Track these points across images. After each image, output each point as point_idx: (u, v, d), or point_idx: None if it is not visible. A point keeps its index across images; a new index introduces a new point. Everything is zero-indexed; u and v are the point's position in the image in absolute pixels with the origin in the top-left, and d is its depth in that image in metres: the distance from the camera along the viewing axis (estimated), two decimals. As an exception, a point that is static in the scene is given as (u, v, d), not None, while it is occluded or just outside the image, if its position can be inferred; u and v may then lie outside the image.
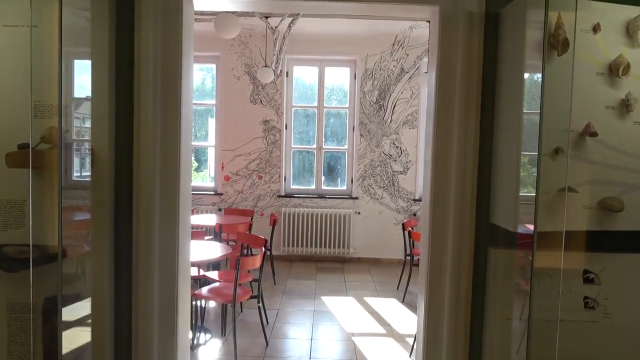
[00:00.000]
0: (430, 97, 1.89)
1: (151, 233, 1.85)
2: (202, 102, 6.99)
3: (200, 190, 6.75)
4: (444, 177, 1.82)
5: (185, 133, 1.96)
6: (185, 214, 2.01)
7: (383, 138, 6.62)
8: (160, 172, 1.85)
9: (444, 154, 1.82)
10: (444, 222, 1.83)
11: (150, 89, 1.83)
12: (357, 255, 6.69)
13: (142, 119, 1.82)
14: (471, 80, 1.78)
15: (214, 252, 3.68)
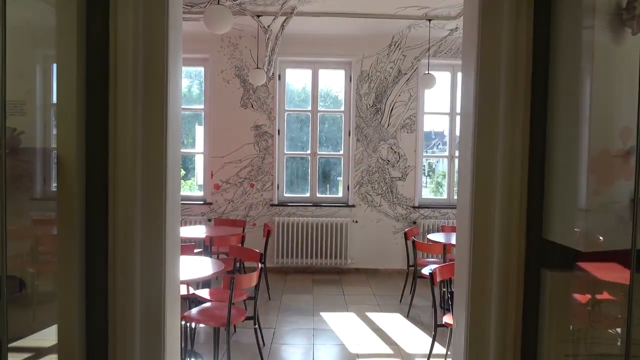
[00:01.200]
0: (468, 96, 1.59)
1: (131, 250, 1.52)
2: (189, 107, 6.64)
3: (188, 200, 6.38)
4: (487, 185, 1.52)
5: (173, 137, 1.63)
6: (174, 227, 1.68)
7: (380, 143, 6.33)
8: (143, 182, 1.52)
9: (487, 159, 1.52)
10: (488, 238, 1.53)
11: (130, 87, 1.51)
12: (355, 266, 6.36)
13: (119, 122, 1.49)
14: (519, 75, 1.49)
15: (204, 269, 3.33)
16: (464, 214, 1.63)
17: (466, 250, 1.57)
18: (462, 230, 1.64)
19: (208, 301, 3.61)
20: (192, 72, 6.78)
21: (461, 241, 1.64)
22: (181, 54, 1.77)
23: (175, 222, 1.73)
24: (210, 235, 4.66)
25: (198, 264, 3.50)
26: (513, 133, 1.50)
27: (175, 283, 1.79)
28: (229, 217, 6.24)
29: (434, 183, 7.32)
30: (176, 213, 1.73)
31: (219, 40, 6.18)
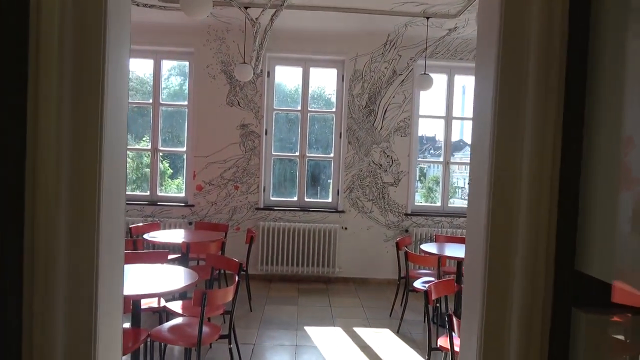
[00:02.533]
0: (484, 95, 1.29)
1: (51, 266, 1.19)
2: (172, 102, 6.29)
3: (169, 202, 6.03)
4: (508, 204, 1.22)
5: (113, 134, 1.31)
6: (114, 237, 1.36)
7: (373, 146, 6.03)
8: (67, 185, 1.19)
9: (509, 173, 1.22)
10: (507, 268, 1.22)
11: (54, 77, 1.17)
12: (343, 275, 6.05)
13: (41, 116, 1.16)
14: (550, 68, 1.19)
15: (175, 281, 2.99)
16: (476, 236, 1.32)
17: (478, 280, 1.27)
18: (473, 255, 1.34)
19: (180, 316, 3.28)
20: (176, 66, 6.44)
21: (472, 268, 1.33)
22: (128, 38, 1.44)
23: (116, 229, 1.41)
24: (188, 242, 4.32)
25: (170, 273, 3.17)
26: (542, 141, 1.20)
27: (114, 302, 1.46)
28: (211, 221, 5.90)
29: (425, 188, 7.06)
30: (116, 219, 1.40)
31: (205, 33, 5.85)
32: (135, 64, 6.21)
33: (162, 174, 6.37)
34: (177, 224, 5.85)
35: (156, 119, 6.06)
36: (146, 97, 6.19)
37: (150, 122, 6.06)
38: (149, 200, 6.04)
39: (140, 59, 6.10)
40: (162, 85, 6.24)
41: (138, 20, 5.54)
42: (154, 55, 6.02)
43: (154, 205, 5.95)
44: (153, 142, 6.07)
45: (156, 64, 6.04)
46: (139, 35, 5.80)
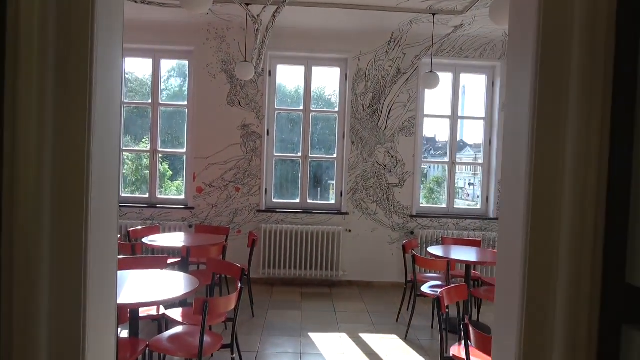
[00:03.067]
0: (521, 90, 1.15)
1: (33, 276, 1.05)
2: (171, 102, 6.15)
3: (169, 204, 5.89)
4: (548, 210, 1.08)
5: (104, 133, 1.17)
6: (105, 242, 1.23)
7: (377, 146, 5.89)
8: (51, 187, 1.05)
9: (549, 174, 1.08)
10: (548, 283, 1.08)
11: (34, 74, 1.03)
12: (347, 278, 5.91)
13: (20, 114, 1.02)
14: (596, 51, 1.05)
15: (174, 287, 2.85)
16: (510, 246, 1.18)
17: (515, 296, 1.13)
18: (507, 266, 1.19)
19: (180, 324, 3.14)
20: (176, 67, 6.30)
21: (507, 282, 1.19)
22: (121, 33, 1.30)
23: (109, 234, 1.27)
24: (188, 245, 4.18)
25: (169, 279, 3.03)
26: (587, 139, 1.06)
27: (106, 310, 1.32)
28: (212, 224, 5.76)
29: (427, 189, 6.93)
30: (109, 222, 1.26)
31: (204, 32, 5.72)
32: (134, 65, 6.08)
33: (161, 176, 6.23)
34: (177, 227, 5.71)
35: (155, 120, 5.92)
36: (146, 98, 6.05)
37: (157, 124, 5.92)
38: (148, 203, 5.90)
39: (138, 58, 5.96)
40: (162, 87, 6.11)
41: (136, 18, 5.41)
42: (152, 54, 5.89)
43: (154, 207, 5.81)
44: (152, 143, 5.94)
45: (155, 63, 5.91)
46: (137, 33, 5.67)
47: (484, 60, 5.91)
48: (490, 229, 5.96)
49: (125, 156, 6.15)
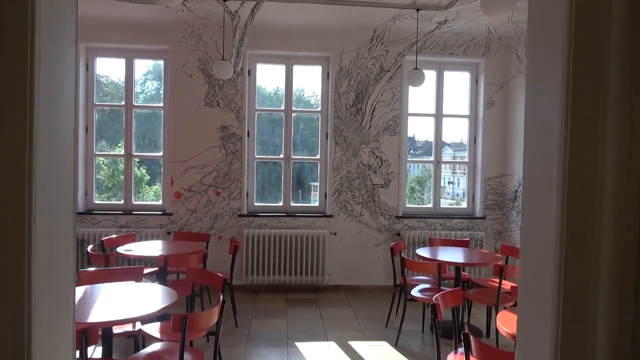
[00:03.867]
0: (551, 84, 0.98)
1: None
2: (146, 104, 5.89)
3: (145, 210, 5.62)
4: (585, 213, 0.92)
5: (52, 138, 0.98)
6: (57, 256, 1.02)
7: (361, 146, 5.74)
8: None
9: (585, 173, 0.92)
10: (586, 300, 0.93)
11: None
12: (333, 283, 5.74)
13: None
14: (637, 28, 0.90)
15: (151, 302, 2.63)
16: (538, 257, 1.02)
17: (547, 316, 0.97)
18: (534, 278, 1.04)
19: (158, 340, 2.92)
20: (152, 70, 6.04)
21: (535, 298, 1.03)
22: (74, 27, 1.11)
23: (62, 246, 1.07)
24: (166, 254, 3.95)
25: (145, 293, 2.81)
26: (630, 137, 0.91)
27: (60, 334, 1.12)
28: (191, 230, 5.53)
29: (408, 189, 6.80)
30: (62, 234, 1.07)
31: (180, 30, 5.48)
32: (109, 68, 5.79)
33: (138, 181, 5.97)
34: (154, 235, 5.45)
35: (129, 122, 5.66)
36: (122, 101, 5.77)
37: (131, 127, 5.65)
38: (123, 210, 5.63)
39: (110, 57, 5.69)
40: (138, 90, 5.85)
41: (107, 15, 5.15)
42: (125, 54, 5.62)
43: (129, 214, 5.54)
44: (127, 147, 5.67)
45: (128, 63, 5.64)
46: (108, 32, 5.41)
47: (467, 57, 5.82)
48: (477, 228, 5.86)
49: (100, 161, 5.86)
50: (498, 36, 5.69)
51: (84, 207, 5.60)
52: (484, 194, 5.89)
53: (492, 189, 5.90)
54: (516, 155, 5.62)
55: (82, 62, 5.51)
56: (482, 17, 5.04)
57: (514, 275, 3.79)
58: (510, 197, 5.72)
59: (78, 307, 2.54)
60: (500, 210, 5.89)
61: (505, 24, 5.23)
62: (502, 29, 5.44)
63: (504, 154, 5.85)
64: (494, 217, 5.90)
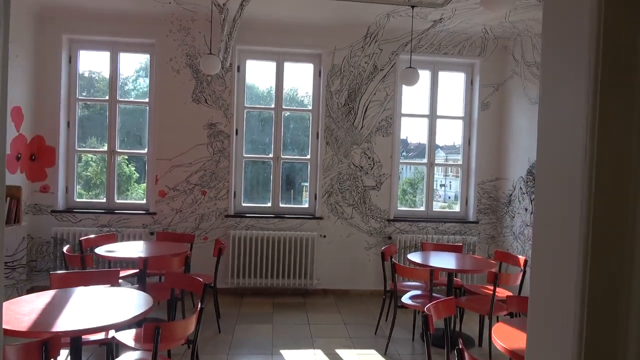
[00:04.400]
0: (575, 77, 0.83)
1: None
2: (130, 100, 5.68)
3: (128, 209, 5.42)
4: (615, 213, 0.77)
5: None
6: None
7: (353, 147, 5.59)
8: None
9: (614, 172, 0.78)
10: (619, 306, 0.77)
11: None
12: (321, 287, 5.58)
13: None
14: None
15: (126, 308, 2.45)
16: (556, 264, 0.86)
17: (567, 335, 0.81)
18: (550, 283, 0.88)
19: (132, 349, 2.73)
20: (145, 64, 5.83)
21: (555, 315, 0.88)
22: None
23: None
24: (146, 256, 3.76)
25: (120, 298, 2.62)
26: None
27: None
28: (176, 230, 5.34)
29: (400, 191, 6.66)
30: None
31: (167, 23, 5.30)
32: (93, 60, 5.57)
33: (127, 179, 5.76)
34: (136, 235, 5.25)
35: (113, 118, 5.46)
36: (102, 93, 5.57)
37: (115, 123, 5.45)
38: (105, 208, 5.42)
39: (94, 50, 5.48)
40: (130, 87, 5.65)
41: (91, 6, 4.95)
42: (110, 47, 5.42)
43: (112, 213, 5.34)
44: (110, 143, 5.47)
45: (113, 56, 5.44)
46: (92, 24, 5.21)
47: (462, 57, 5.69)
48: (470, 232, 5.73)
49: (89, 157, 5.64)
50: (494, 36, 5.56)
51: (64, 205, 5.39)
52: (478, 198, 5.76)
53: (485, 192, 5.77)
54: (511, 159, 5.49)
55: (65, 54, 5.30)
56: (478, 16, 4.91)
57: (508, 283, 3.66)
58: (504, 201, 5.60)
59: (45, 314, 2.36)
60: (494, 215, 5.77)
61: (502, 23, 5.10)
62: (498, 29, 5.32)
63: (499, 157, 5.72)
64: (487, 221, 5.77)
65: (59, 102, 5.25)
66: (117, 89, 5.46)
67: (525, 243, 5.12)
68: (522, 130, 5.29)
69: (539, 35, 5.00)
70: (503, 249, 5.55)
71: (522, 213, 5.21)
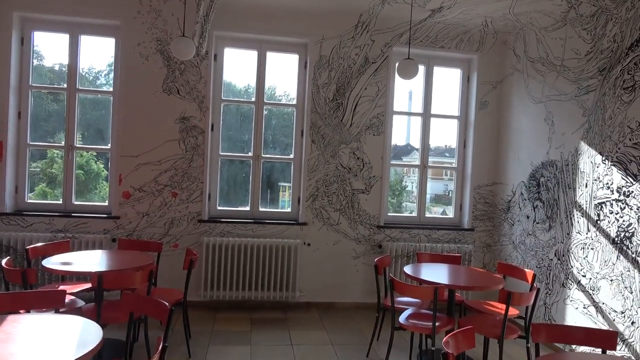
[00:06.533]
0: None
1: None
2: (90, 88, 5.05)
3: (87, 212, 4.80)
4: None
5: None
6: None
7: (341, 146, 5.10)
8: None
9: None
10: None
11: None
12: (304, 300, 5.07)
13: None
14: None
15: (63, 351, 1.89)
16: None
17: None
18: None
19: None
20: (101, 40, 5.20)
21: None
22: None
23: None
24: (103, 270, 3.18)
25: (57, 332, 2.05)
26: None
27: None
28: (142, 237, 4.75)
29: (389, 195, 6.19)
30: None
31: (135, 3, 4.70)
32: (50, 41, 4.92)
33: (95, 176, 5.12)
34: (96, 242, 4.63)
35: (72, 109, 4.82)
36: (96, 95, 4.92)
37: (74, 114, 4.82)
38: (61, 211, 4.79)
39: (51, 32, 4.83)
40: (102, 81, 5.02)
41: (44, -21, 4.32)
42: (69, 29, 4.79)
43: (68, 217, 4.71)
44: (68, 138, 4.83)
45: (72, 39, 4.81)
46: (50, 1, 4.57)
47: (460, 52, 5.27)
48: (465, 240, 5.32)
49: (55, 153, 4.97)
50: (494, 30, 5.16)
51: (13, 206, 4.72)
52: (473, 204, 5.35)
53: (482, 198, 5.36)
54: (510, 162, 5.10)
55: (16, 35, 4.64)
56: (480, 6, 4.49)
57: (521, 303, 3.22)
58: (503, 207, 5.20)
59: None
60: (490, 222, 5.37)
61: (505, 15, 4.70)
62: (499, 22, 4.91)
63: (497, 160, 5.33)
64: (483, 228, 5.37)
65: (7, 89, 4.58)
66: (77, 77, 4.83)
67: (527, 253, 4.72)
68: (524, 131, 4.90)
69: (545, 29, 4.61)
70: (500, 259, 5.15)
71: (523, 220, 4.82)
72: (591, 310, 3.83)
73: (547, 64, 4.56)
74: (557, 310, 4.22)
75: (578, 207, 4.05)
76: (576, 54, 4.18)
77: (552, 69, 4.48)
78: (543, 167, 4.55)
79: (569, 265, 4.11)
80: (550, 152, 4.46)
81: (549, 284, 4.35)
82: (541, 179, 4.57)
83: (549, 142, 4.49)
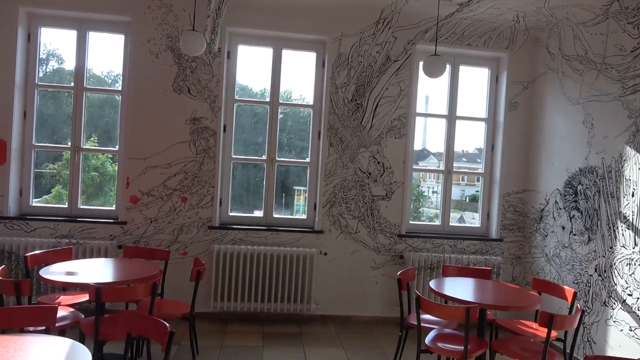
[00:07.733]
0: None
1: None
2: (100, 87, 4.84)
3: (93, 217, 4.57)
4: None
5: None
6: None
7: (360, 149, 4.80)
8: None
9: None
10: None
11: None
12: (320, 313, 4.77)
13: None
14: None
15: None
16: None
17: None
18: None
19: None
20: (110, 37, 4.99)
21: None
22: None
23: None
24: (100, 283, 2.93)
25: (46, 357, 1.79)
26: None
27: None
28: (149, 244, 4.51)
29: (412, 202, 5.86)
30: None
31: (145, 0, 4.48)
32: (58, 38, 4.72)
33: (109, 179, 4.89)
34: (101, 249, 4.40)
35: (78, 109, 4.62)
36: (109, 98, 4.71)
37: (81, 114, 4.61)
38: (66, 215, 4.57)
39: (59, 28, 4.64)
40: (112, 78, 4.81)
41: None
42: (77, 25, 4.58)
43: (74, 221, 4.49)
44: (74, 139, 4.62)
45: (80, 35, 4.60)
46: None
47: (488, 49, 4.93)
48: (492, 251, 4.96)
49: (69, 155, 4.75)
50: (525, 26, 4.81)
51: (17, 210, 4.52)
52: (502, 212, 4.99)
53: (511, 206, 5.00)
54: (543, 168, 4.73)
55: (22, 31, 4.45)
56: (513, 0, 4.15)
57: (564, 327, 2.87)
58: (534, 216, 4.83)
59: None
60: (520, 232, 5.00)
61: (539, 10, 4.35)
62: (532, 18, 4.56)
63: (528, 166, 4.96)
64: (512, 239, 5.00)
65: (12, 88, 4.39)
66: (85, 75, 4.62)
67: (562, 267, 4.35)
68: (558, 135, 4.53)
69: (582, 24, 4.25)
70: (532, 272, 4.78)
71: (557, 232, 4.45)
72: (638, 333, 3.45)
73: (586, 61, 4.20)
74: (598, 332, 3.84)
75: (623, 219, 3.67)
76: (620, 50, 3.81)
77: (592, 67, 4.12)
78: (581, 174, 4.18)
79: (612, 282, 3.73)
80: (590, 157, 4.09)
81: (588, 302, 3.98)
82: (579, 186, 4.20)
83: (588, 146, 4.12)
